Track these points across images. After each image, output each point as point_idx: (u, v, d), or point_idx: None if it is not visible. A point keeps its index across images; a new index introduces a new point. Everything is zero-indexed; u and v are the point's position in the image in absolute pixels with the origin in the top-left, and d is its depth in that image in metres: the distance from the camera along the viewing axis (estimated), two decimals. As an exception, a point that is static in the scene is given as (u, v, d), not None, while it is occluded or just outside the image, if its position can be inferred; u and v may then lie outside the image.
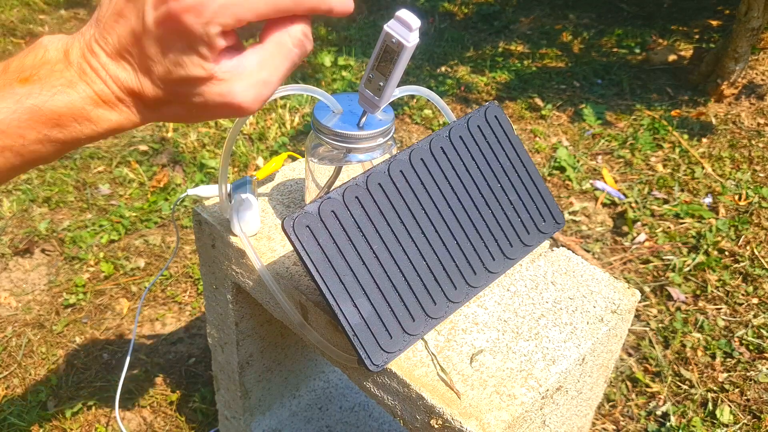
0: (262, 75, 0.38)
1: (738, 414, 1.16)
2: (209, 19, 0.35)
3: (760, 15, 1.86)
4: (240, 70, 0.38)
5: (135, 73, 0.37)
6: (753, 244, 1.50)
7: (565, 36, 2.51)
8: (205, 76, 0.37)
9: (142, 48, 0.36)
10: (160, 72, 0.37)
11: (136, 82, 0.38)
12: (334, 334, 0.61)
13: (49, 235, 1.57)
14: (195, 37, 0.36)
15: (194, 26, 0.35)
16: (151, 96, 0.38)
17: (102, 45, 0.37)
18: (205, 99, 0.38)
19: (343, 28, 2.63)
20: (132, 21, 0.36)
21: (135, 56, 0.37)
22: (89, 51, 0.37)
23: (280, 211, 0.74)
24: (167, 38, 0.36)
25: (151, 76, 0.37)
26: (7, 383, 1.23)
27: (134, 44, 0.37)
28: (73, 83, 0.37)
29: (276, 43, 0.38)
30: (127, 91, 0.38)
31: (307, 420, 1.00)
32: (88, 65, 0.37)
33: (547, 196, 0.66)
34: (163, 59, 0.36)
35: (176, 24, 0.35)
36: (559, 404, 0.61)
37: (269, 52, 0.38)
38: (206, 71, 0.37)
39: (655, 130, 1.92)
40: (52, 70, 0.37)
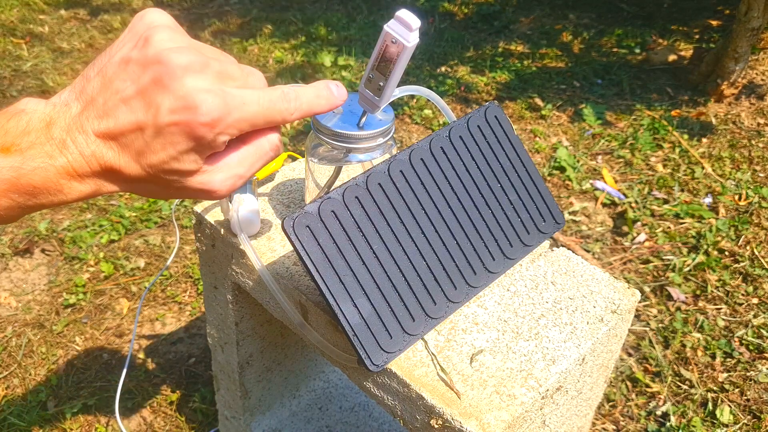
0: (239, 170, 0.44)
1: (738, 414, 1.16)
2: (221, 130, 0.40)
3: (760, 15, 1.86)
4: (222, 164, 0.43)
5: (122, 154, 0.40)
6: (753, 244, 1.50)
7: (565, 36, 2.51)
8: (196, 169, 0.41)
9: (144, 138, 0.39)
10: (154, 161, 0.40)
11: (119, 161, 0.40)
12: (334, 334, 0.61)
13: (49, 235, 1.57)
14: (204, 144, 0.40)
15: (207, 136, 0.39)
16: (132, 175, 0.41)
17: (95, 125, 0.39)
18: (184, 185, 0.42)
19: (343, 28, 2.63)
20: (139, 114, 0.39)
21: (130, 142, 0.39)
22: (78, 128, 0.39)
23: (280, 211, 0.74)
24: (176, 138, 0.39)
25: (140, 161, 0.40)
26: (7, 383, 1.23)
27: (135, 132, 0.39)
28: (53, 157, 0.38)
29: (257, 147, 0.44)
30: (107, 168, 0.40)
31: (307, 420, 1.00)
32: (72, 141, 0.39)
33: (547, 196, 0.66)
34: (162, 152, 0.39)
35: (191, 131, 0.39)
36: (559, 404, 0.61)
37: (249, 152, 0.44)
38: (198, 165, 0.41)
39: (655, 130, 1.92)
40: (33, 143, 0.38)
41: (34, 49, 2.47)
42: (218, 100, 0.39)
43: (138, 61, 0.39)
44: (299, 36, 2.57)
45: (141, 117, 0.39)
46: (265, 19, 2.76)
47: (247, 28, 2.69)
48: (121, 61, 0.40)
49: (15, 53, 2.43)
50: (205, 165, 0.42)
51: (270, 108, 0.42)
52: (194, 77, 0.39)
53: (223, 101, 0.39)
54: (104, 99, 0.39)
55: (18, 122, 0.39)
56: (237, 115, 0.40)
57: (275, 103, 0.43)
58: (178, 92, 0.38)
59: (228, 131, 0.40)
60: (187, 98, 0.38)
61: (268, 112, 0.42)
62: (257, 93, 0.42)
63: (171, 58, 0.38)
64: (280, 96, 0.43)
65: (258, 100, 0.42)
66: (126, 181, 0.41)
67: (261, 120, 0.42)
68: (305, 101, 0.45)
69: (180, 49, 0.39)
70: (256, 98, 0.42)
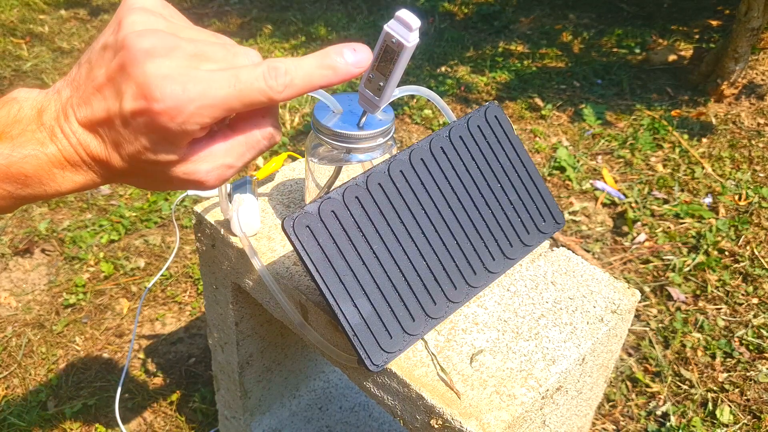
0: (227, 160, 0.40)
1: (738, 414, 1.16)
2: (185, 119, 0.36)
3: (760, 15, 1.86)
4: (207, 153, 0.39)
5: (104, 144, 0.38)
6: (753, 244, 1.50)
7: (565, 36, 2.51)
8: (174, 160, 0.38)
9: (115, 128, 0.37)
10: (130, 151, 0.38)
11: (104, 152, 0.38)
12: (334, 334, 0.61)
13: (49, 235, 1.57)
14: (170, 134, 0.37)
15: (169, 126, 0.36)
16: (117, 167, 0.39)
17: (75, 112, 0.38)
18: (170, 176, 0.40)
19: (343, 28, 2.63)
20: (109, 102, 0.37)
21: (107, 133, 0.38)
22: (63, 115, 0.38)
23: (280, 211, 0.74)
24: (141, 129, 0.37)
25: (120, 151, 0.38)
26: (7, 383, 1.23)
27: (107, 121, 0.37)
28: (44, 145, 0.37)
29: (247, 136, 0.41)
30: (94, 158, 0.39)
31: (307, 420, 1.00)
32: (60, 129, 0.38)
33: (547, 196, 0.66)
34: (135, 142, 0.37)
35: (152, 121, 0.36)
36: (559, 404, 0.61)
37: (238, 141, 0.40)
38: (176, 156, 0.38)
39: (655, 130, 1.92)
40: (24, 130, 0.37)
41: (34, 49, 2.47)
42: (176, 86, 0.36)
43: (111, 46, 0.37)
44: (299, 36, 2.57)
45: (110, 105, 0.37)
46: (265, 19, 2.76)
47: (247, 28, 2.69)
48: (101, 48, 0.38)
49: (15, 53, 2.43)
50: (190, 154, 0.39)
51: (247, 89, 0.37)
52: (155, 62, 0.36)
53: (182, 87, 0.36)
54: (85, 86, 0.38)
55: (9, 110, 0.38)
56: (200, 102, 0.36)
57: (254, 81, 0.37)
58: (137, 79, 0.36)
59: (195, 120, 0.36)
60: (144, 86, 0.36)
61: (243, 93, 0.37)
62: (232, 72, 0.37)
63: (134, 42, 0.36)
64: (264, 72, 0.38)
65: (231, 82, 0.37)
66: (115, 173, 0.40)
67: (236, 103, 0.37)
68: (300, 75, 0.39)
69: (145, 32, 0.36)
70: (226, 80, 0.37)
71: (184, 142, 0.38)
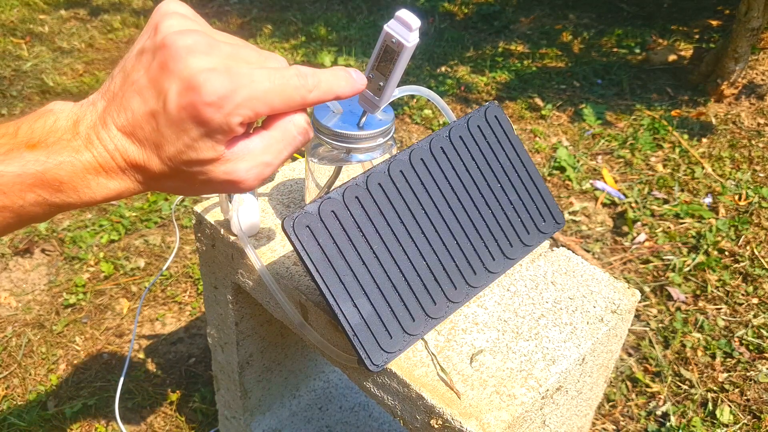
0: (266, 158, 0.41)
1: (738, 414, 1.16)
2: (230, 111, 0.37)
3: (760, 15, 1.86)
4: (245, 152, 0.40)
5: (143, 148, 0.39)
6: (753, 244, 1.50)
7: (565, 36, 2.51)
8: (215, 158, 0.39)
9: (158, 128, 0.38)
10: (171, 152, 0.39)
11: (142, 156, 0.39)
12: (334, 334, 0.61)
13: (49, 235, 1.57)
14: (214, 127, 0.38)
15: (215, 118, 0.37)
16: (156, 171, 0.40)
17: (114, 118, 0.38)
18: (209, 177, 0.40)
19: (343, 28, 2.63)
20: (151, 102, 0.38)
21: (147, 134, 0.38)
22: (102, 123, 0.39)
23: (280, 211, 0.74)
24: (186, 124, 0.38)
25: (159, 153, 0.39)
26: (7, 383, 1.23)
27: (149, 122, 0.38)
28: (79, 152, 0.38)
29: (282, 131, 0.42)
30: (132, 163, 0.39)
31: (307, 420, 1.00)
32: (96, 136, 0.38)
33: (547, 196, 0.66)
34: (177, 141, 0.38)
35: (198, 114, 0.37)
36: (559, 404, 0.61)
37: (275, 138, 0.41)
38: (217, 153, 0.39)
39: (655, 130, 1.92)
40: (60, 139, 0.38)
41: (34, 49, 2.47)
42: (223, 77, 0.37)
43: (149, 49, 0.38)
44: (299, 36, 2.57)
45: (153, 105, 0.38)
46: (265, 19, 2.76)
47: (247, 28, 2.69)
48: (137, 53, 0.39)
49: (15, 53, 2.43)
50: (228, 153, 0.40)
51: (284, 85, 0.40)
52: (198, 57, 0.37)
53: (229, 79, 0.37)
54: (123, 92, 0.39)
55: (45, 121, 0.39)
56: (245, 93, 0.38)
57: (289, 79, 0.40)
58: (182, 74, 0.37)
59: (239, 112, 0.38)
60: (190, 79, 0.37)
61: (282, 89, 0.39)
62: (268, 70, 0.39)
63: (174, 39, 0.37)
64: (295, 73, 0.40)
65: (269, 77, 0.39)
66: (152, 177, 0.40)
67: (276, 98, 0.39)
68: (324, 80, 0.42)
69: (185, 31, 0.38)
70: (266, 75, 0.39)
71: (226, 138, 0.39)
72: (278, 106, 0.40)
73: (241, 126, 0.39)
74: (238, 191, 0.42)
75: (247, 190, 0.42)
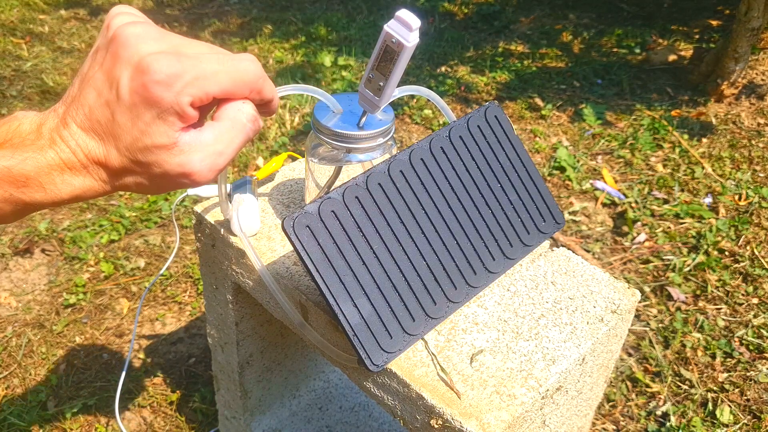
0: (218, 147, 0.41)
1: (738, 414, 1.16)
2: (180, 90, 0.38)
3: (760, 15, 1.86)
4: (197, 142, 0.41)
5: (103, 143, 0.40)
6: (753, 244, 1.50)
7: (565, 36, 2.51)
8: (169, 144, 0.40)
9: (113, 117, 0.39)
10: (127, 141, 0.39)
11: (103, 151, 0.40)
12: (334, 334, 0.61)
13: (49, 235, 1.57)
14: (165, 107, 0.38)
15: (165, 97, 0.38)
16: (116, 166, 0.40)
17: (74, 116, 0.40)
18: (164, 170, 0.41)
19: (343, 28, 2.63)
20: (105, 92, 0.39)
21: (104, 126, 0.39)
22: (62, 123, 0.40)
23: (280, 211, 0.74)
24: (139, 108, 0.38)
25: (117, 145, 0.40)
26: (7, 383, 1.23)
27: (104, 114, 0.39)
28: (43, 150, 0.39)
29: (232, 120, 0.42)
30: (93, 160, 0.40)
31: (307, 420, 1.00)
32: (59, 136, 0.40)
33: (547, 196, 0.66)
34: (132, 128, 0.39)
35: (148, 94, 0.38)
36: (559, 404, 0.61)
37: (225, 128, 0.42)
38: (170, 139, 0.40)
39: (655, 130, 1.92)
40: (24, 140, 0.40)
41: (34, 49, 2.47)
42: (171, 58, 0.38)
43: (102, 46, 0.40)
44: (299, 36, 2.57)
45: (107, 95, 0.39)
46: (265, 19, 2.76)
47: (247, 28, 2.69)
48: (92, 54, 0.41)
49: (15, 53, 2.43)
50: (181, 144, 0.40)
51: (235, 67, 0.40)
52: (148, 43, 0.38)
53: (177, 59, 0.38)
54: (80, 91, 0.40)
55: (9, 126, 0.40)
56: (194, 73, 0.38)
57: (240, 62, 0.41)
58: (132, 59, 0.38)
59: (188, 91, 0.38)
60: (140, 62, 0.38)
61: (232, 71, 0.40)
62: (218, 55, 0.40)
63: (124, 29, 0.39)
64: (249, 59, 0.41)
65: (219, 60, 0.40)
66: (113, 174, 0.41)
67: (226, 79, 0.40)
68: None
69: (135, 23, 0.39)
70: (216, 58, 0.40)
71: (178, 121, 0.39)
72: (229, 88, 0.40)
73: (193, 108, 0.39)
74: (193, 184, 0.42)
75: (201, 182, 0.42)
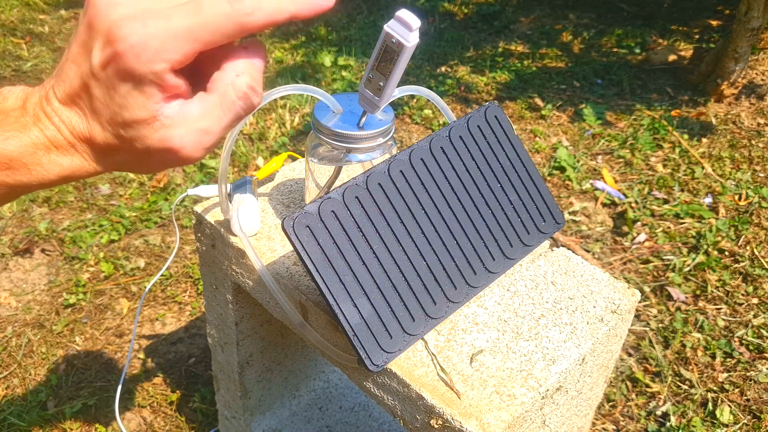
0: (203, 124, 0.38)
1: (738, 414, 1.16)
2: (150, 58, 0.35)
3: (760, 15, 1.86)
4: (181, 117, 0.37)
5: (86, 118, 0.38)
6: (753, 244, 1.50)
7: (565, 36, 2.51)
8: (148, 118, 0.37)
9: (90, 92, 0.37)
10: (107, 115, 0.37)
11: (86, 127, 0.38)
12: (334, 334, 0.61)
13: (49, 235, 1.57)
14: (139, 78, 0.35)
15: (137, 66, 0.35)
16: (101, 142, 0.38)
17: (56, 92, 0.38)
18: (146, 145, 0.38)
19: (343, 28, 2.63)
20: (82, 66, 0.37)
21: (85, 101, 0.37)
22: (45, 99, 0.38)
23: (280, 211, 0.74)
24: (113, 80, 0.36)
25: (99, 120, 0.37)
26: (7, 383, 1.23)
27: (83, 89, 0.37)
28: (27, 128, 0.37)
29: (220, 94, 0.38)
30: (79, 137, 0.38)
31: (307, 420, 1.00)
32: (43, 112, 0.38)
33: (547, 196, 0.66)
34: (111, 102, 0.36)
35: (119, 66, 0.35)
36: (559, 404, 0.61)
37: (212, 103, 0.38)
38: (149, 112, 0.37)
39: (655, 130, 1.92)
40: (8, 116, 0.38)
41: (34, 49, 2.47)
42: (136, 23, 0.34)
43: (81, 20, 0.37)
44: (299, 36, 2.57)
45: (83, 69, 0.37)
46: (265, 19, 2.75)
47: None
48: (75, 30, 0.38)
49: (15, 53, 2.43)
50: (163, 118, 0.37)
51: (213, 14, 0.35)
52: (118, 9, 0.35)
53: (142, 23, 0.34)
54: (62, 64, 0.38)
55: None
56: (164, 35, 0.35)
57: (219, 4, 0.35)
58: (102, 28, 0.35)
59: (162, 57, 0.35)
60: (108, 32, 0.35)
61: (209, 20, 0.35)
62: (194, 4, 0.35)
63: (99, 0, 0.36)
64: None
65: (194, 11, 0.35)
66: (100, 151, 0.39)
67: (202, 32, 0.35)
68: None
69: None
70: (187, 10, 0.35)
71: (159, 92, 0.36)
72: (210, 39, 0.36)
73: (174, 74, 0.36)
74: (181, 161, 0.39)
75: (188, 160, 0.39)
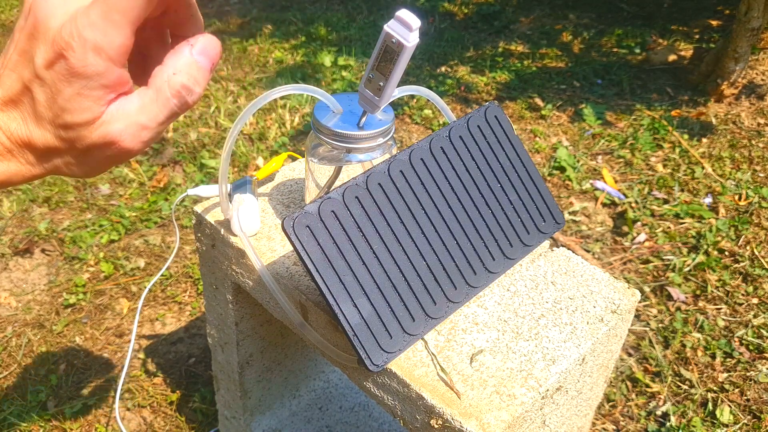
0: (141, 118, 0.38)
1: (738, 414, 1.16)
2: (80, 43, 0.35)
3: (760, 15, 1.86)
4: (120, 111, 0.37)
5: (25, 122, 0.37)
6: (753, 244, 1.50)
7: (565, 36, 2.51)
8: (92, 119, 0.37)
9: (33, 95, 0.36)
10: (49, 117, 0.37)
11: (25, 131, 0.37)
12: (334, 334, 0.61)
13: (49, 235, 1.57)
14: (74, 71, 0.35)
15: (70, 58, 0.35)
16: (41, 146, 0.38)
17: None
18: (87, 144, 0.38)
19: (343, 28, 2.63)
20: (24, 72, 0.36)
21: (26, 104, 0.37)
22: None
23: (280, 211, 0.74)
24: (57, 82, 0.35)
25: (41, 123, 0.37)
26: (7, 383, 1.23)
27: (24, 92, 0.37)
28: None
29: (156, 90, 0.38)
30: (18, 141, 0.38)
31: (307, 420, 1.00)
32: None
33: (547, 196, 0.66)
34: (53, 105, 0.36)
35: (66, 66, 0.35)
36: (559, 404, 0.61)
37: (150, 98, 0.38)
38: (94, 114, 0.37)
39: (655, 130, 1.92)
40: None
41: (34, 49, 2.47)
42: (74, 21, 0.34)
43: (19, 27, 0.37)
44: (299, 36, 2.57)
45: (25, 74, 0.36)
46: (265, 19, 2.76)
47: (247, 28, 2.69)
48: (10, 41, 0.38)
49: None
50: (104, 117, 0.37)
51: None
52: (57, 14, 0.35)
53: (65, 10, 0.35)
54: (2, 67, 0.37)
55: None
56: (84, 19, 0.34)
57: None
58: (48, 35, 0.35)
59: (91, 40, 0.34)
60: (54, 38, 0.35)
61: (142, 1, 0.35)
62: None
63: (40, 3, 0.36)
64: None
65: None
66: (41, 155, 0.38)
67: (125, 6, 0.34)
68: None
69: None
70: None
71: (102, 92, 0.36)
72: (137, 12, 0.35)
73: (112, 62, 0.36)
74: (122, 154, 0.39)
75: (128, 153, 0.39)
